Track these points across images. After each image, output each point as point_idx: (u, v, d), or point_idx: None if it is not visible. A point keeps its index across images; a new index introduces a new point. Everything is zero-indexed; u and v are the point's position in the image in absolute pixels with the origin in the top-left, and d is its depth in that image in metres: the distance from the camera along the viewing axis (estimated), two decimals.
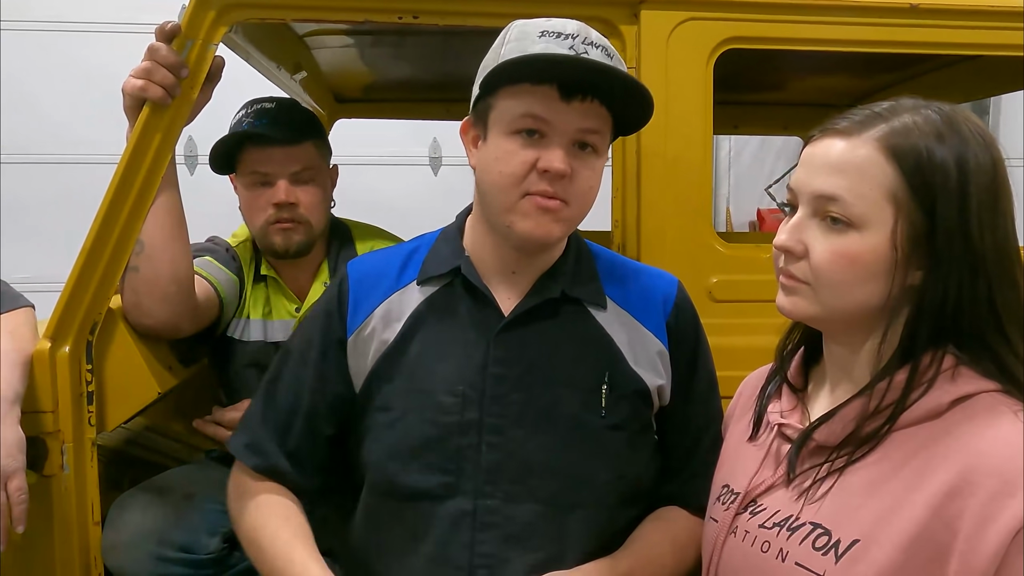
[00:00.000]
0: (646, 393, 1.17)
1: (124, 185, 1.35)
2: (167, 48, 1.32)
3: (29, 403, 1.29)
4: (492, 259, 1.16)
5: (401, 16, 1.41)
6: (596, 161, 1.09)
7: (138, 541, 1.47)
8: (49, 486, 1.33)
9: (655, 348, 1.18)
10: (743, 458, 1.06)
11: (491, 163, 1.08)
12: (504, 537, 1.08)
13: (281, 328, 1.71)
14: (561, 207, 1.07)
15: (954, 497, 0.79)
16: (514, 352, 1.13)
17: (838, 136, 0.91)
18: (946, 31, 1.51)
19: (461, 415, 1.11)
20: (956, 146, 0.87)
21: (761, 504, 0.97)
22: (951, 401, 0.86)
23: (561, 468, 1.11)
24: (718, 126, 1.53)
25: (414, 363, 1.15)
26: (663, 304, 1.20)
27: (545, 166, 1.04)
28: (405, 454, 1.12)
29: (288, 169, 1.63)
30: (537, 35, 1.05)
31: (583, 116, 1.05)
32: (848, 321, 0.93)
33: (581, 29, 1.06)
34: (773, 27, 1.48)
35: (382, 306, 1.18)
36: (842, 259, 0.88)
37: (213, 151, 1.64)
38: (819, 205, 0.90)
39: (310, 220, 1.66)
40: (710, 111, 1.48)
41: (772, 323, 1.44)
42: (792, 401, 1.02)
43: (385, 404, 1.15)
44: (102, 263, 1.35)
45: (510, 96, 1.05)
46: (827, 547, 0.86)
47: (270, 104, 1.69)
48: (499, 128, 1.07)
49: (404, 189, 4.57)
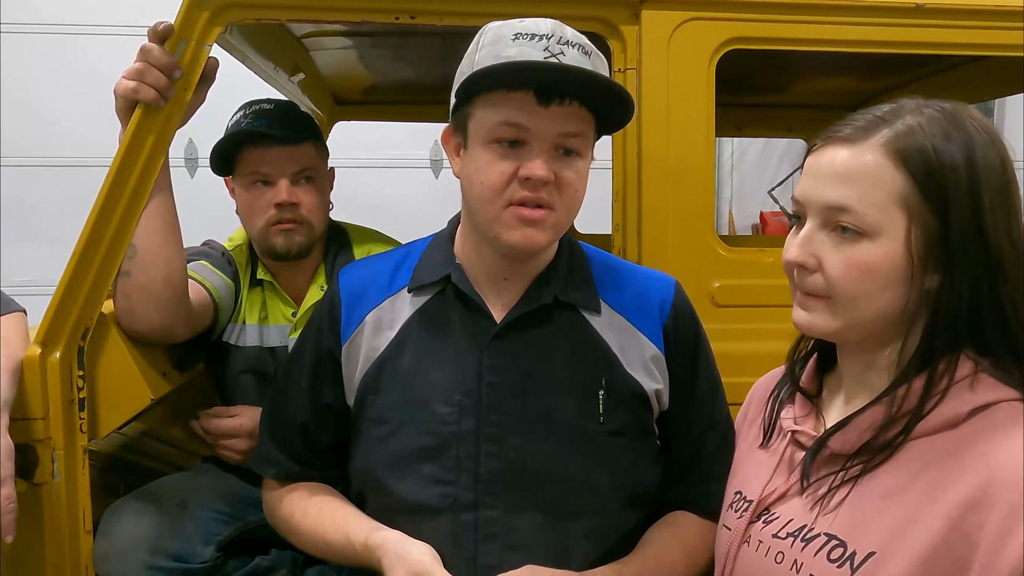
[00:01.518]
0: (644, 397, 1.15)
1: (116, 188, 1.33)
2: (160, 49, 1.30)
3: (19, 410, 1.27)
4: (482, 266, 1.15)
5: (398, 16, 1.39)
6: (580, 163, 1.07)
7: (131, 549, 1.45)
8: (39, 494, 1.31)
9: (650, 353, 1.16)
10: (755, 465, 1.05)
11: (473, 173, 1.07)
12: (507, 547, 1.07)
13: (277, 333, 1.69)
14: (547, 215, 1.05)
15: (973, 510, 0.78)
16: (508, 360, 1.12)
17: (842, 144, 0.89)
18: (952, 31, 1.49)
19: (458, 425, 1.10)
20: (964, 145, 0.85)
21: (775, 513, 0.96)
22: (970, 411, 0.84)
23: (561, 475, 1.10)
24: (721, 128, 1.51)
25: (408, 374, 1.14)
26: (660, 308, 1.18)
27: (527, 174, 1.02)
28: (402, 466, 1.11)
29: (289, 169, 1.62)
30: (511, 38, 1.03)
31: (563, 120, 1.03)
32: (866, 332, 0.91)
33: (556, 28, 1.04)
34: (776, 27, 1.46)
35: (373, 313, 1.18)
36: (857, 269, 0.87)
37: (214, 151, 1.63)
38: (829, 216, 0.89)
39: (311, 221, 1.64)
40: (712, 112, 1.46)
41: (776, 328, 1.42)
42: (806, 407, 1.01)
43: (380, 416, 1.14)
44: (94, 267, 1.33)
45: (487, 104, 1.04)
46: (843, 559, 0.85)
47: (268, 105, 1.68)
48: (478, 137, 1.06)
49: (405, 192, 4.56)
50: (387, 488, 1.11)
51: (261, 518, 1.52)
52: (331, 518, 1.15)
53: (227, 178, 1.70)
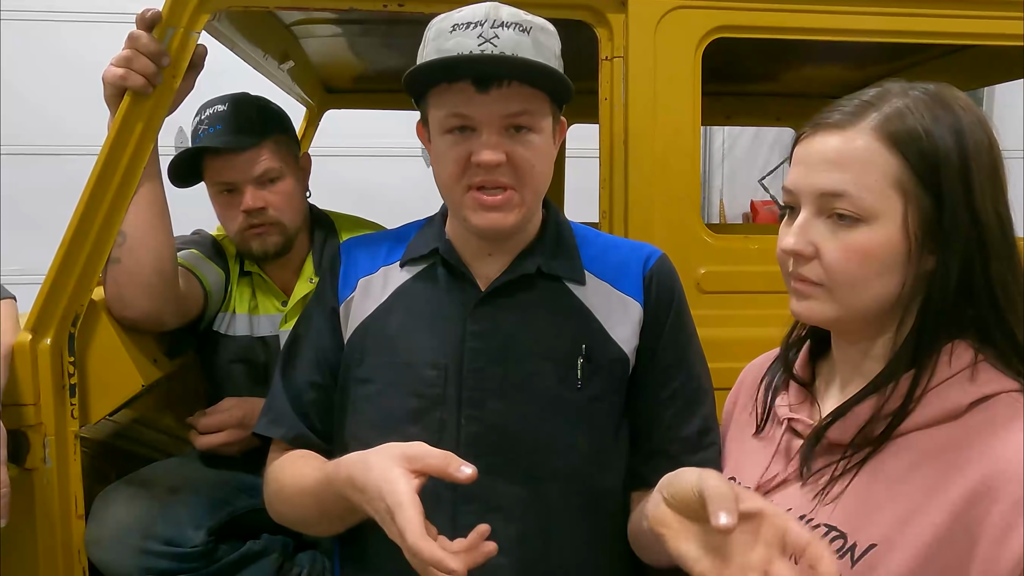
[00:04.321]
0: (625, 361, 1.16)
1: (105, 175, 1.33)
2: (148, 36, 1.30)
3: (10, 396, 1.28)
4: (468, 244, 1.18)
5: (386, 4, 1.39)
6: (534, 138, 1.08)
7: (122, 534, 1.45)
8: (31, 480, 1.32)
9: (634, 309, 1.17)
10: (750, 452, 1.04)
11: (435, 163, 1.11)
12: (486, 508, 1.08)
13: (267, 323, 1.70)
14: (508, 197, 1.08)
15: (976, 503, 0.77)
16: (490, 326, 1.14)
17: (832, 130, 0.89)
18: (941, 20, 1.49)
19: (443, 388, 1.12)
20: (952, 124, 0.85)
21: (773, 500, 0.94)
22: (971, 402, 0.83)
23: (540, 439, 1.12)
24: (710, 117, 1.52)
25: (395, 336, 1.16)
26: (643, 266, 1.20)
27: (476, 160, 1.05)
28: (387, 426, 1.11)
29: (250, 174, 1.60)
30: (449, 30, 1.06)
31: (505, 102, 1.05)
32: (864, 318, 0.90)
33: (490, 12, 1.06)
34: (762, 16, 1.47)
35: (365, 279, 1.21)
36: (856, 254, 0.86)
37: (172, 168, 1.58)
38: (824, 203, 0.88)
39: (282, 220, 1.63)
40: (698, 101, 1.47)
41: (761, 314, 1.45)
42: (800, 395, 1.00)
43: (366, 376, 1.16)
44: (83, 254, 1.33)
45: (435, 98, 1.08)
46: (843, 551, 0.84)
47: (223, 106, 1.64)
48: (436, 129, 1.10)
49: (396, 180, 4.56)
50: (372, 447, 1.09)
51: (252, 503, 1.53)
52: (308, 469, 1.12)
53: None
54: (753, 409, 1.07)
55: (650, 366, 1.19)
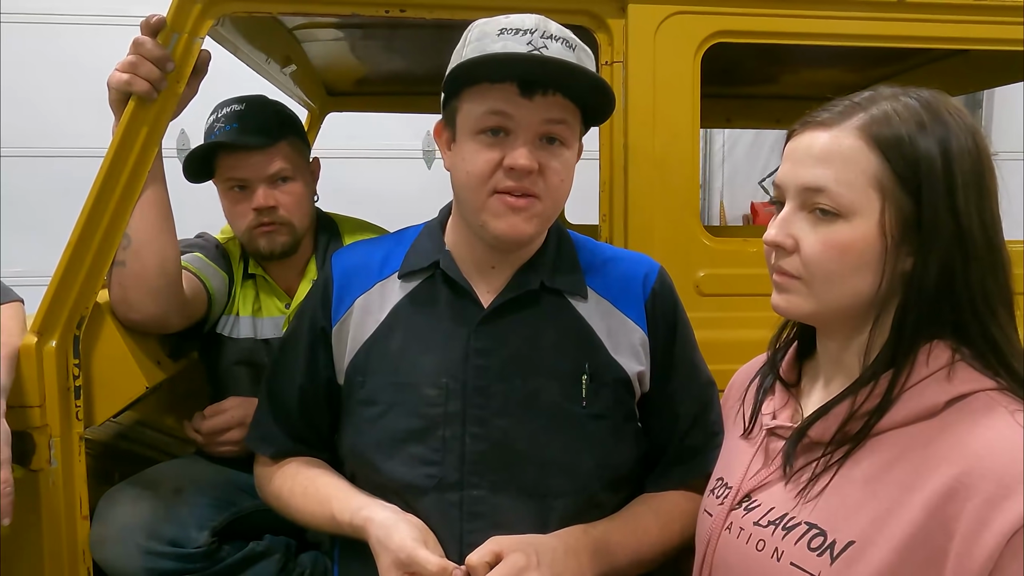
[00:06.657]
0: (627, 381, 1.17)
1: (110, 179, 1.34)
2: (152, 42, 1.31)
3: (16, 397, 1.29)
4: (471, 255, 1.18)
5: (388, 10, 1.41)
6: (565, 153, 1.09)
7: (127, 535, 1.47)
8: (36, 480, 1.33)
9: (636, 335, 1.19)
10: (737, 452, 1.06)
11: (460, 164, 1.09)
12: (492, 525, 1.09)
13: (271, 325, 1.71)
14: (531, 203, 1.07)
15: (951, 499, 0.78)
16: (494, 343, 1.14)
17: (820, 128, 0.91)
18: (936, 25, 1.51)
19: (445, 407, 1.12)
20: (938, 130, 0.86)
21: (756, 500, 0.97)
22: (947, 401, 0.85)
23: (544, 457, 1.12)
24: (710, 119, 1.54)
25: (397, 356, 1.16)
26: (643, 287, 1.21)
27: (511, 163, 1.05)
28: (391, 446, 1.13)
29: (264, 173, 1.62)
30: (496, 34, 1.06)
31: (546, 109, 1.05)
32: (843, 314, 0.92)
33: (540, 23, 1.06)
34: (761, 21, 1.48)
35: (362, 298, 1.21)
36: (833, 249, 0.88)
37: (187, 162, 1.61)
38: (806, 198, 0.90)
39: (292, 221, 1.65)
40: (697, 105, 1.48)
41: (759, 316, 1.44)
42: (784, 397, 1.02)
43: (369, 398, 1.16)
44: (88, 257, 1.34)
45: (472, 97, 1.07)
46: (822, 548, 0.86)
47: (239, 105, 1.66)
48: (466, 129, 1.08)
49: (398, 182, 4.57)
50: (376, 468, 1.14)
51: (254, 504, 1.55)
52: (316, 497, 1.18)
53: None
54: (740, 411, 1.09)
55: (660, 387, 1.21)
